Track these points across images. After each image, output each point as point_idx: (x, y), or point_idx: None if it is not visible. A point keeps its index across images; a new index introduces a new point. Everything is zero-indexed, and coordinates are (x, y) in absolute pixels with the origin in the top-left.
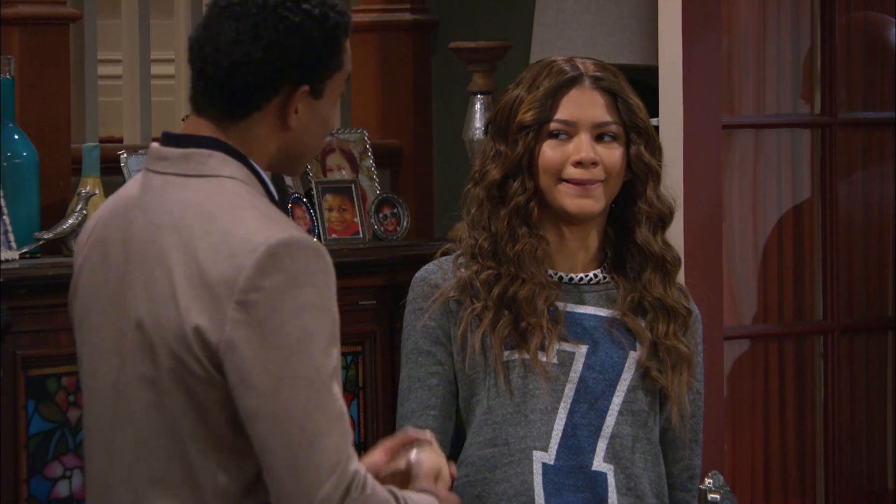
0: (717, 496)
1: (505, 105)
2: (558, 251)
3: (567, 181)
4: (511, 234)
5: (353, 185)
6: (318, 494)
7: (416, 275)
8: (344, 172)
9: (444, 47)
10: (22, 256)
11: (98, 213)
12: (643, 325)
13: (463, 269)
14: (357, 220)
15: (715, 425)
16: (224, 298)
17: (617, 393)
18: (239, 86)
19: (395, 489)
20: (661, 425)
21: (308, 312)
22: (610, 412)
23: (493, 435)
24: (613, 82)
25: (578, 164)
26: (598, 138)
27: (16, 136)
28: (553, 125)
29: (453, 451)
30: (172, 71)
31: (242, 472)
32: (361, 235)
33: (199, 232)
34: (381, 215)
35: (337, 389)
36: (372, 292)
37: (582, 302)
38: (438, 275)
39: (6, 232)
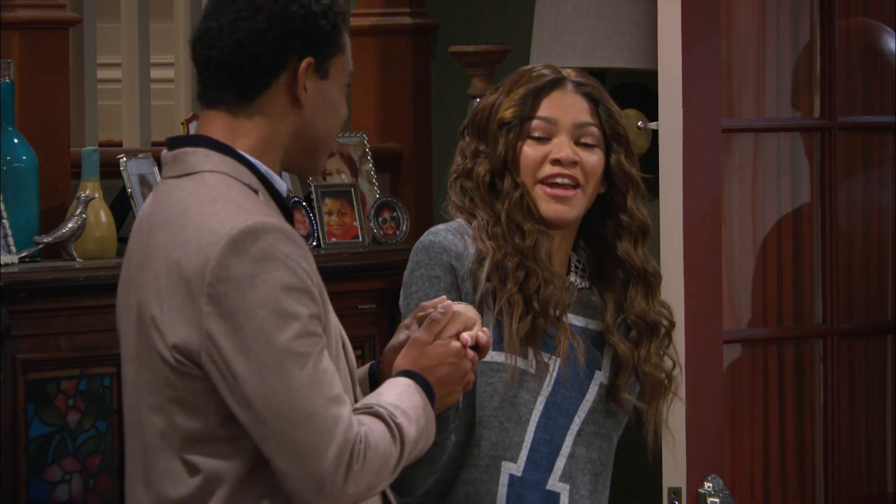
0: (717, 500)
1: (483, 108)
2: None
3: (543, 182)
4: (516, 227)
5: (352, 189)
6: (325, 477)
7: (430, 239)
8: (343, 176)
9: (444, 51)
10: (22, 260)
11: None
12: (625, 346)
13: (491, 243)
14: (356, 224)
15: (714, 429)
16: (197, 293)
17: (578, 413)
18: (246, 61)
19: (384, 410)
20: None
21: (282, 293)
22: (570, 431)
23: (470, 435)
24: (595, 89)
25: (557, 162)
26: (579, 144)
27: (15, 140)
28: (534, 123)
29: None
30: (172, 75)
31: (240, 461)
32: (361, 239)
33: (177, 228)
34: (380, 219)
35: (326, 362)
36: (371, 296)
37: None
38: (458, 244)
39: (6, 236)
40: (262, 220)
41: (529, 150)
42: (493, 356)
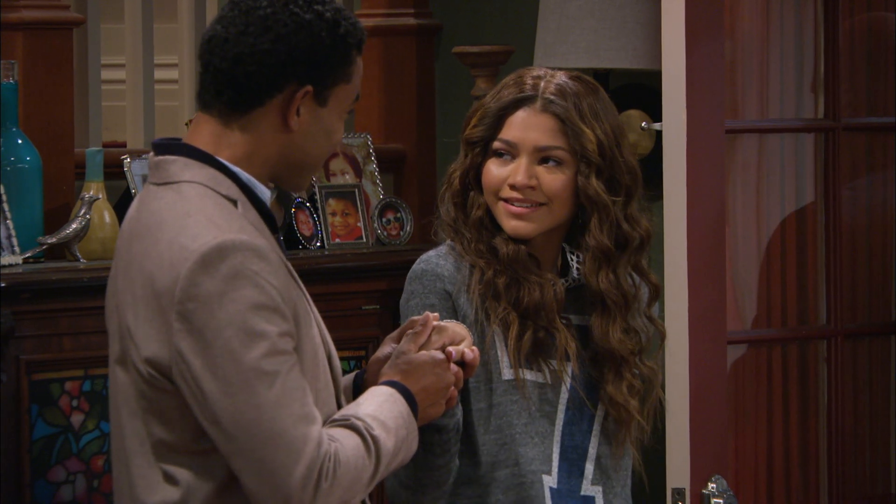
0: (721, 500)
1: (472, 112)
2: None
3: (504, 200)
4: (489, 245)
5: (356, 190)
6: (292, 495)
7: (422, 267)
8: (347, 177)
9: (448, 52)
10: (25, 261)
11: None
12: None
13: (483, 262)
14: (360, 224)
15: (718, 429)
16: (168, 309)
17: (598, 412)
18: (243, 77)
19: (360, 423)
20: None
21: (251, 312)
22: (594, 433)
23: (505, 456)
24: (565, 108)
25: (513, 186)
26: (543, 161)
27: (19, 141)
28: (496, 144)
29: None
30: (176, 76)
31: (212, 475)
32: (365, 240)
33: (152, 241)
34: (384, 220)
35: (296, 381)
36: (375, 297)
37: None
38: (450, 268)
39: (10, 236)
40: (233, 238)
41: (493, 169)
42: (511, 374)
